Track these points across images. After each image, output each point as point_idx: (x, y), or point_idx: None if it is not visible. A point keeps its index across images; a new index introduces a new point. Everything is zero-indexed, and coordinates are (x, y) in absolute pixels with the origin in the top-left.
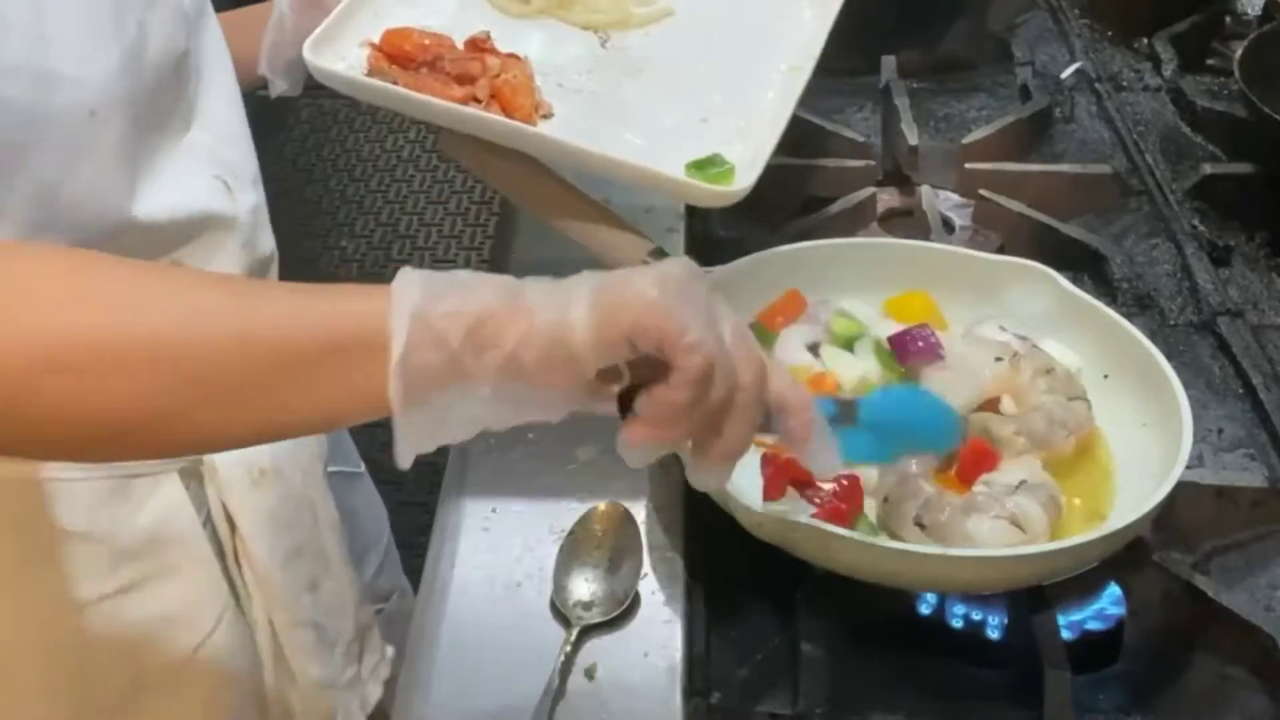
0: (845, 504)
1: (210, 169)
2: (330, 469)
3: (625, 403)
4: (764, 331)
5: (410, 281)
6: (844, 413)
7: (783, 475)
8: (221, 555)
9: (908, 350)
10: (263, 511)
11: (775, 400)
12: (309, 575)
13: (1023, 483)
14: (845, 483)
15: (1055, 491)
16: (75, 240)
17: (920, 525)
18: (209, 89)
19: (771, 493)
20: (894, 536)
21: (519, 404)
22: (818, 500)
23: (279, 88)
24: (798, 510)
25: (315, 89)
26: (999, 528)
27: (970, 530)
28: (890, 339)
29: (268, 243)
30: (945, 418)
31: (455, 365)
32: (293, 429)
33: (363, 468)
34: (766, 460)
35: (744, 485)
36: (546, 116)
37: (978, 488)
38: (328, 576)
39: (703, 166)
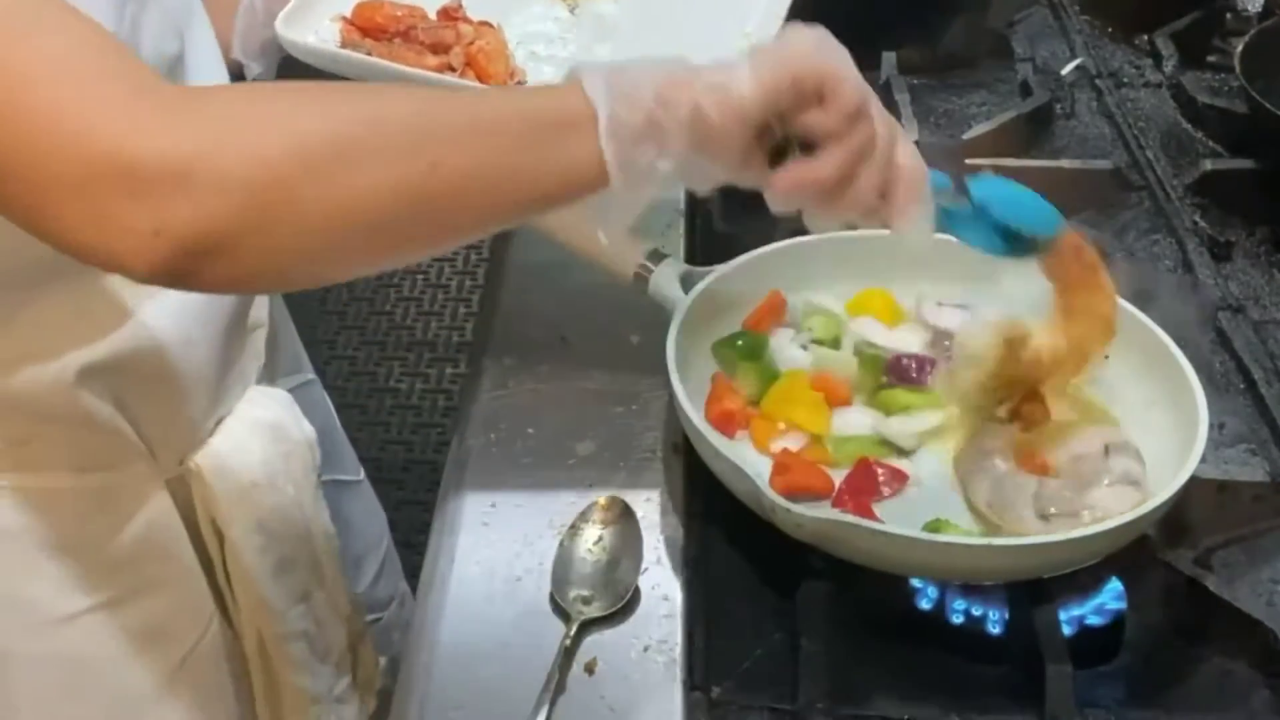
0: (863, 495)
1: None
2: (325, 478)
3: (776, 157)
4: (754, 337)
5: (591, 68)
6: (958, 186)
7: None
8: (209, 567)
9: (904, 378)
10: (252, 523)
11: (903, 159)
12: (300, 587)
13: (1108, 447)
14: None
15: (1135, 444)
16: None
17: (1044, 517)
18: None
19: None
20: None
21: (703, 160)
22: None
23: (253, 71)
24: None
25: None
26: (1120, 493)
27: (1096, 502)
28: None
29: None
30: (1046, 207)
31: (652, 123)
32: (515, 208)
33: (361, 475)
34: (779, 466)
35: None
36: (520, 83)
37: (1065, 466)
38: (320, 588)
39: None
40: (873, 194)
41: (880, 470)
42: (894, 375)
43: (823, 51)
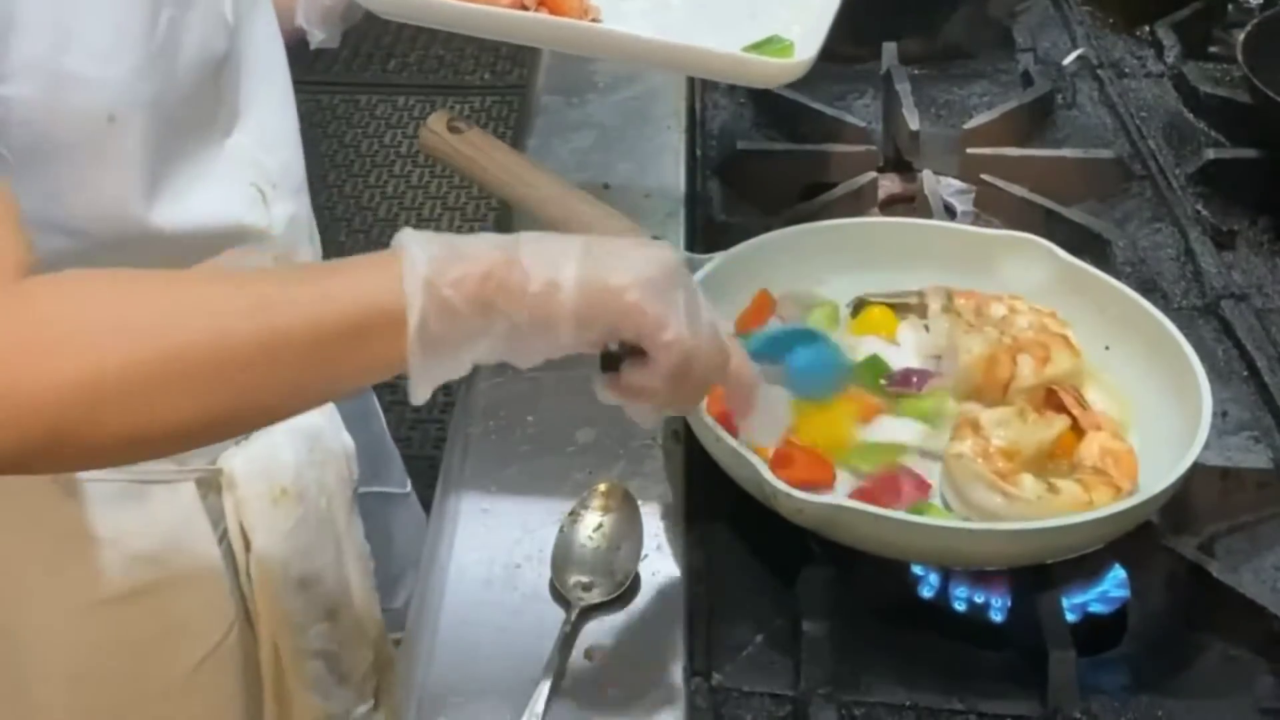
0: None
1: (247, 176)
2: (369, 489)
3: (609, 361)
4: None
5: (415, 252)
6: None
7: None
8: (235, 570)
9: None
10: (280, 532)
11: (733, 380)
12: (326, 603)
13: None
14: None
15: None
16: (82, 247)
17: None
18: (256, 92)
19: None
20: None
21: (515, 353)
22: None
23: (317, 38)
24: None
25: (315, 83)
26: None
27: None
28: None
29: (306, 256)
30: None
31: (463, 328)
32: (325, 399)
33: (408, 487)
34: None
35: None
36: (595, 20)
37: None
38: (348, 606)
39: (760, 47)
40: (694, 405)
41: (905, 479)
42: (892, 383)
43: (655, 302)
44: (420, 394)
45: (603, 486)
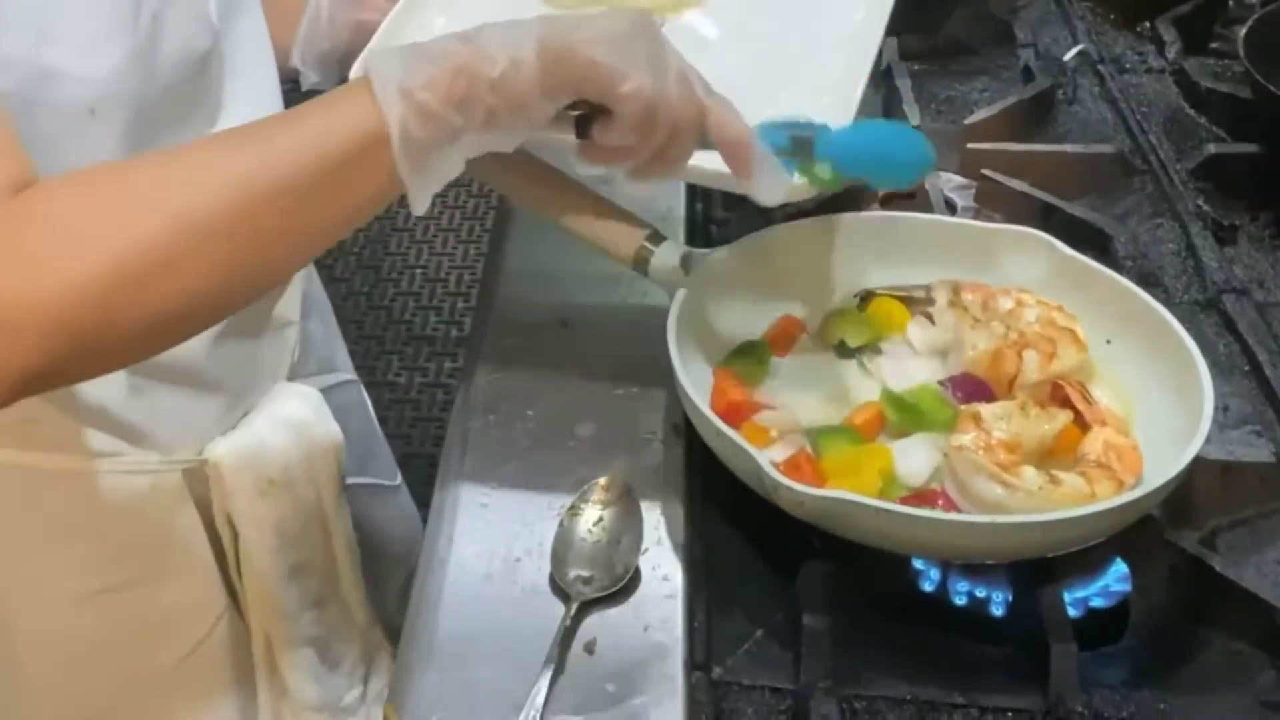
0: None
1: None
2: (359, 480)
3: (583, 125)
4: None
5: (385, 66)
6: (798, 147)
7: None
8: (222, 561)
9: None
10: (268, 522)
11: (717, 136)
12: (314, 592)
13: None
14: None
15: None
16: None
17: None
18: (239, 89)
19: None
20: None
21: (499, 138)
22: None
23: (310, 79)
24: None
25: (314, 81)
26: None
27: None
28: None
29: None
30: (915, 149)
31: (444, 126)
32: (335, 234)
33: (398, 479)
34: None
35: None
36: None
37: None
38: (335, 596)
39: None
40: (679, 166)
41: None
42: (958, 392)
43: (614, 55)
44: (419, 204)
45: (603, 480)
